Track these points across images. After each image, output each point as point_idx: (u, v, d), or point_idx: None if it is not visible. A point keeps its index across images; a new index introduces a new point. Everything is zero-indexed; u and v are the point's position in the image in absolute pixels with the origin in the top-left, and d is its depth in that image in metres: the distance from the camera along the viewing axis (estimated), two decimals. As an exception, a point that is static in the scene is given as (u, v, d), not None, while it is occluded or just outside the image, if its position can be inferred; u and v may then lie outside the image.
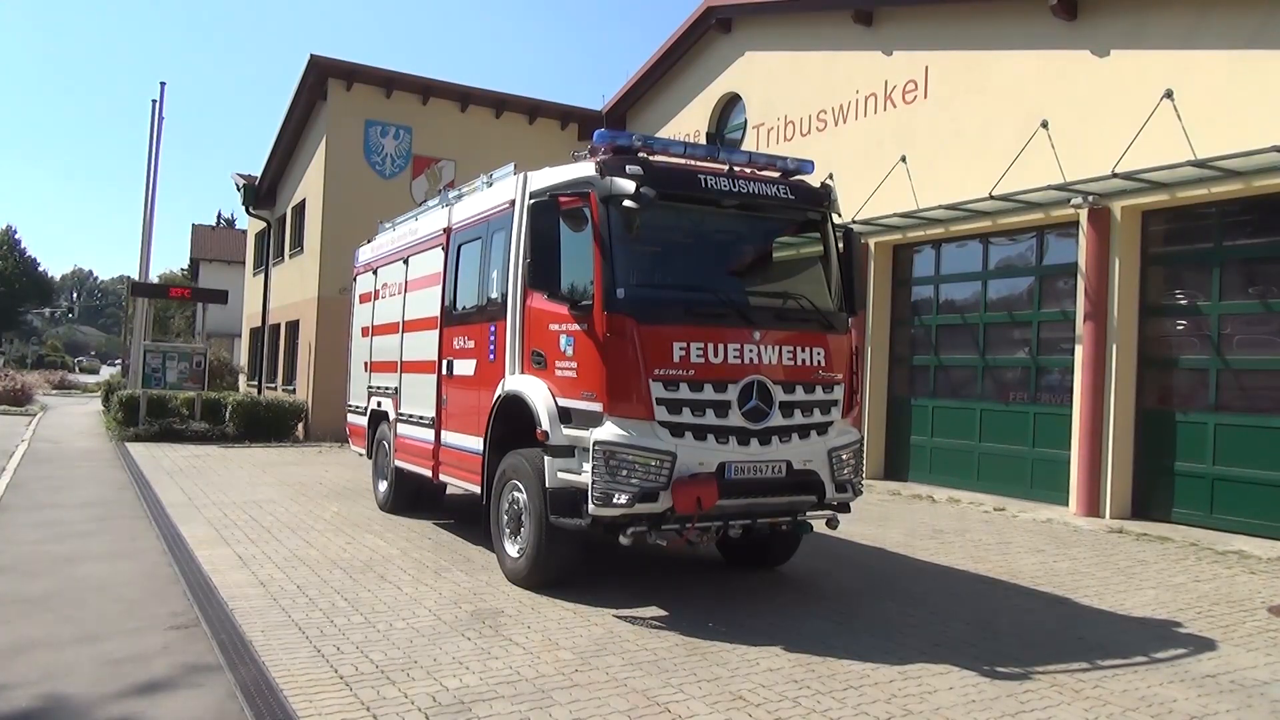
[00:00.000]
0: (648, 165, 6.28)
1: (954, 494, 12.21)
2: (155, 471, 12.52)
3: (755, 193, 6.58)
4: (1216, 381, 10.00)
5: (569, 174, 6.50)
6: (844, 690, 4.64)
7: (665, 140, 6.83)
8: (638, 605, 6.13)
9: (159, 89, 23.08)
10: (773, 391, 6.20)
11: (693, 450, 5.91)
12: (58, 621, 5.50)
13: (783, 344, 6.31)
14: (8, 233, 77.89)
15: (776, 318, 6.49)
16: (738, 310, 6.31)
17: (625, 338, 5.92)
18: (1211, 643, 5.72)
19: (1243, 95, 9.49)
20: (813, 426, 6.39)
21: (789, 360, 6.32)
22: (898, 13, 13.89)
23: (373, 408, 10.35)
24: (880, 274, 14.10)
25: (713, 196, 6.44)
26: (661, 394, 5.91)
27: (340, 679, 4.55)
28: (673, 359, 5.94)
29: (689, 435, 5.95)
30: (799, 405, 6.34)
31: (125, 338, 35.30)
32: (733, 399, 6.06)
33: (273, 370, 23.97)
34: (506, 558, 6.79)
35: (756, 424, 6.13)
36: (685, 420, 5.95)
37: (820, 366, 6.47)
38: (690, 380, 5.97)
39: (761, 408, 6.15)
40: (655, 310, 6.06)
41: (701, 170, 6.55)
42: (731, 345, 6.11)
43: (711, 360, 6.04)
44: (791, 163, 7.07)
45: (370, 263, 10.88)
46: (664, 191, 6.11)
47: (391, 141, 19.32)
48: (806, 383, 6.39)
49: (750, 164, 6.91)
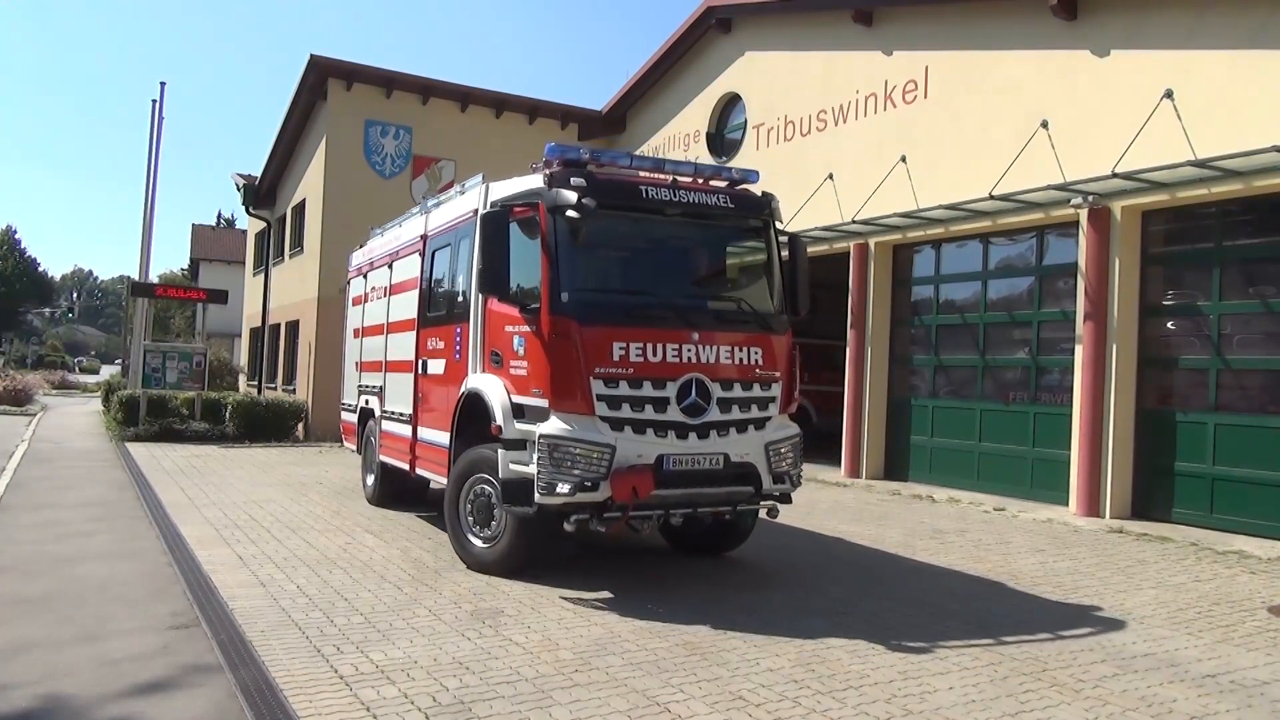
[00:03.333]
0: (591, 178, 6.66)
1: (954, 494, 12.21)
2: (155, 471, 12.52)
3: (696, 202, 6.97)
4: (1216, 381, 10.00)
5: (521, 186, 6.95)
6: (844, 690, 4.64)
7: (614, 153, 7.26)
8: (633, 607, 6.13)
9: (159, 89, 23.14)
10: (711, 389, 6.59)
11: (632, 443, 6.30)
12: (58, 621, 5.49)
13: (721, 344, 6.69)
14: (8, 233, 77.89)
15: (715, 319, 6.89)
16: (676, 312, 6.72)
17: (568, 338, 6.34)
18: (1211, 643, 5.72)
19: (1243, 95, 9.49)
20: (750, 422, 6.76)
21: (727, 359, 6.70)
22: (898, 13, 13.89)
23: (361, 405, 10.93)
24: (880, 274, 14.10)
25: (654, 206, 6.84)
26: (602, 391, 6.30)
27: (340, 679, 4.55)
28: (612, 358, 6.34)
29: (628, 429, 6.33)
30: (737, 402, 6.71)
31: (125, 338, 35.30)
32: (671, 395, 6.45)
33: (273, 370, 23.97)
34: (471, 547, 7.15)
35: (695, 419, 6.51)
36: (624, 415, 6.33)
37: (758, 365, 6.84)
38: (629, 378, 6.37)
39: (700, 404, 6.54)
40: (597, 313, 6.46)
41: (644, 181, 6.94)
42: (670, 345, 6.50)
43: (650, 359, 6.43)
44: (737, 173, 7.47)
45: (361, 267, 11.48)
46: (605, 202, 6.54)
47: (391, 141, 19.32)
48: (744, 380, 6.77)
49: (696, 175, 7.25)
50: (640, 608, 6.07)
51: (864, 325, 14.15)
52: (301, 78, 19.13)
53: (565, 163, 6.78)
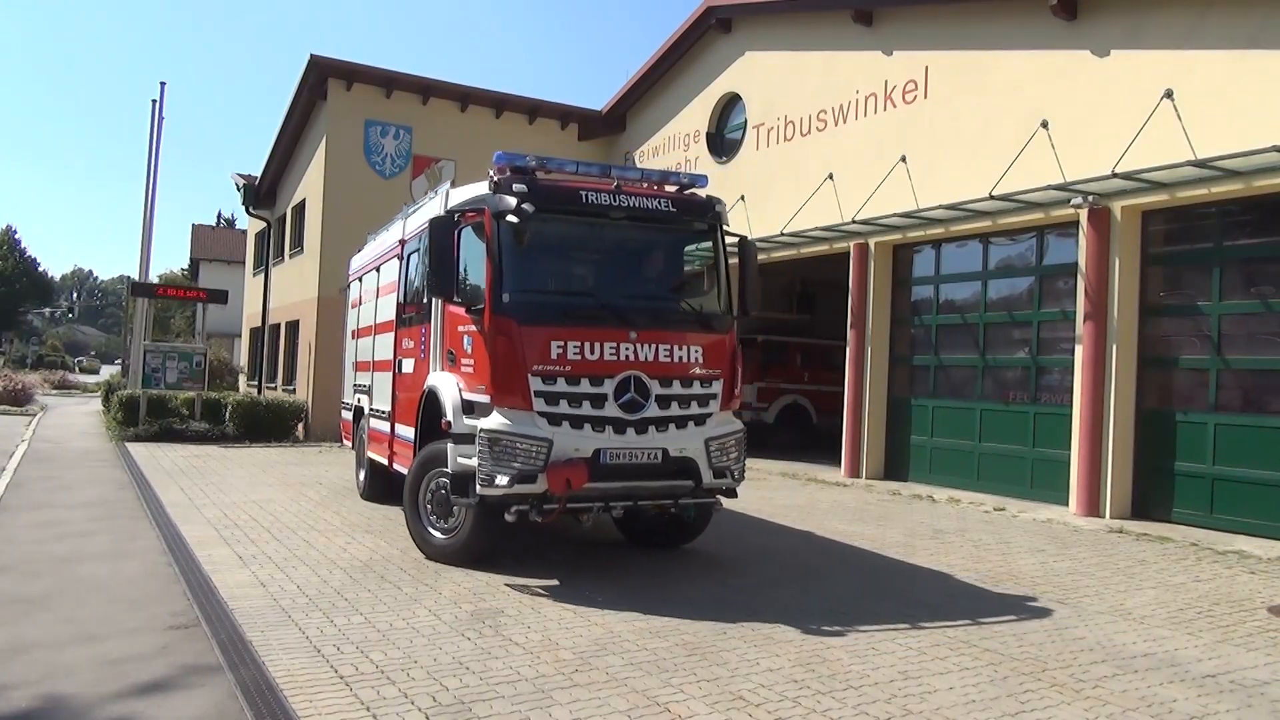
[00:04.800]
0: (533, 184, 6.94)
1: (954, 494, 12.21)
2: (155, 471, 12.52)
3: (637, 206, 7.20)
4: (1216, 381, 10.00)
5: (472, 192, 7.31)
6: (844, 690, 4.64)
7: (561, 160, 7.48)
8: (633, 607, 6.13)
9: (159, 89, 23.11)
10: (649, 385, 6.84)
11: (569, 437, 6.58)
12: (58, 621, 5.49)
13: (660, 343, 6.93)
14: (8, 233, 77.86)
15: (654, 319, 7.12)
16: (614, 312, 6.96)
17: (508, 337, 6.65)
18: (1211, 643, 5.72)
19: (1243, 95, 9.49)
20: (690, 418, 6.99)
21: (666, 357, 6.93)
22: (898, 13, 13.89)
23: (355, 404, 11.39)
24: (880, 274, 14.10)
25: (595, 210, 7.08)
26: (540, 387, 6.59)
27: (340, 679, 4.55)
28: (550, 356, 6.63)
29: (566, 424, 6.61)
30: (676, 398, 6.95)
31: (125, 338, 35.28)
32: (609, 392, 6.71)
33: (273, 370, 23.97)
34: (431, 538, 7.38)
35: (632, 415, 6.76)
36: (562, 411, 6.62)
37: (698, 363, 7.07)
38: (567, 375, 6.65)
39: (637, 400, 6.79)
40: (536, 313, 6.77)
41: (585, 186, 7.18)
42: (608, 344, 6.76)
43: (588, 357, 6.70)
44: (686, 177, 7.73)
45: (357, 271, 11.99)
46: (545, 206, 6.85)
47: (391, 141, 19.31)
48: (684, 378, 7.00)
49: (643, 180, 7.56)
50: (641, 608, 6.07)
51: (864, 325, 14.14)
52: (301, 78, 19.12)
53: (514, 170, 7.05)
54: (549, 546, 8.13)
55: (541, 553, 7.84)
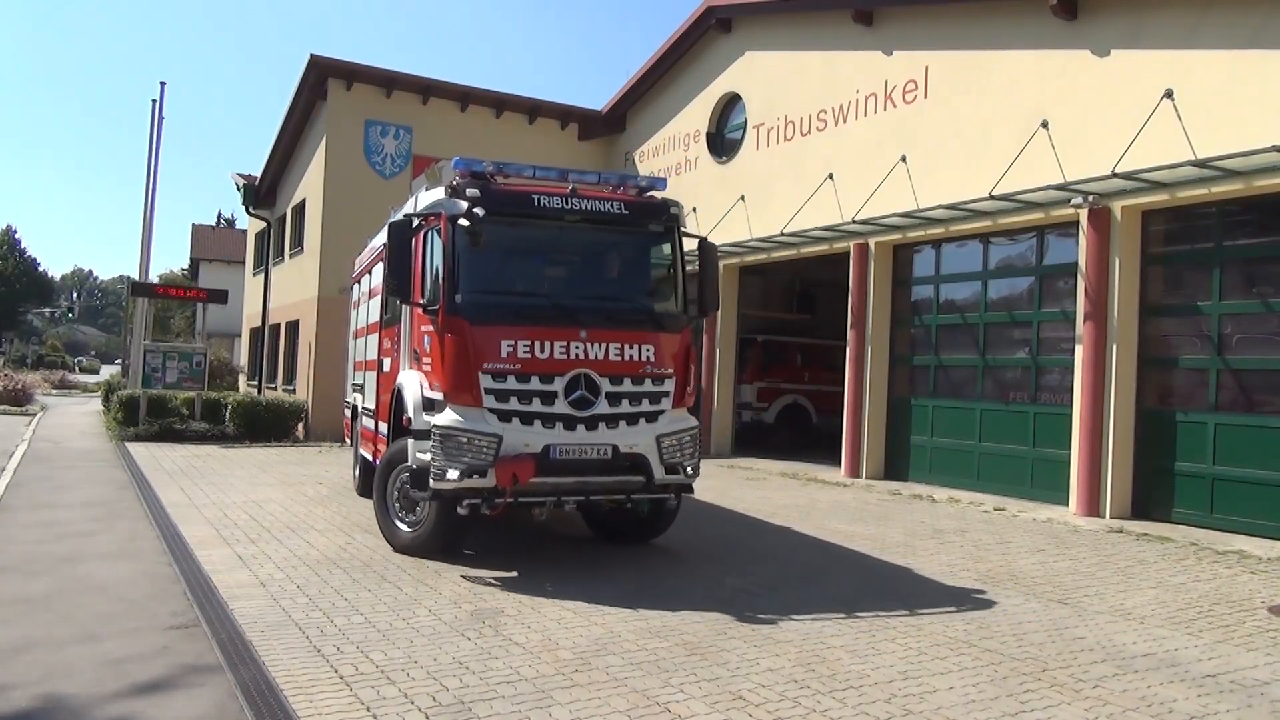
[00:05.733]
0: (486, 189, 7.14)
1: (954, 494, 12.21)
2: (155, 471, 12.52)
3: (589, 209, 7.38)
4: (1216, 381, 10.00)
5: (432, 197, 7.49)
6: (844, 690, 4.64)
7: (519, 165, 7.63)
8: (634, 607, 6.13)
9: (159, 89, 23.17)
10: (599, 383, 7.01)
11: (519, 433, 6.78)
12: (58, 621, 5.49)
13: (611, 341, 7.09)
14: (8, 233, 77.87)
15: (606, 319, 7.27)
16: (565, 312, 7.15)
17: (460, 336, 6.87)
18: (1211, 643, 5.72)
19: (1243, 95, 9.49)
20: (641, 415, 7.16)
21: (617, 356, 7.09)
22: (898, 13, 13.89)
23: (352, 402, 11.76)
24: (880, 274, 14.09)
25: (547, 213, 7.27)
26: (490, 385, 6.80)
27: (340, 679, 4.55)
28: (500, 355, 6.83)
29: (516, 420, 6.82)
30: (626, 396, 7.11)
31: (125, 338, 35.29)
32: (560, 389, 6.91)
33: (273, 370, 23.97)
34: (398, 531, 7.60)
35: (582, 412, 6.94)
36: (512, 407, 6.83)
37: (649, 362, 7.22)
38: (517, 373, 6.85)
39: (587, 397, 6.96)
40: (486, 313, 6.96)
41: (537, 191, 7.35)
42: (558, 343, 6.94)
43: (538, 356, 6.90)
44: (644, 181, 7.93)
45: (356, 273, 12.37)
46: (498, 210, 7.05)
47: (391, 141, 19.31)
48: (635, 376, 7.16)
49: (600, 184, 7.73)
50: (641, 608, 6.07)
51: (864, 325, 14.14)
52: (301, 78, 19.12)
53: (472, 175, 7.29)
54: (544, 543, 8.14)
55: (540, 550, 7.85)
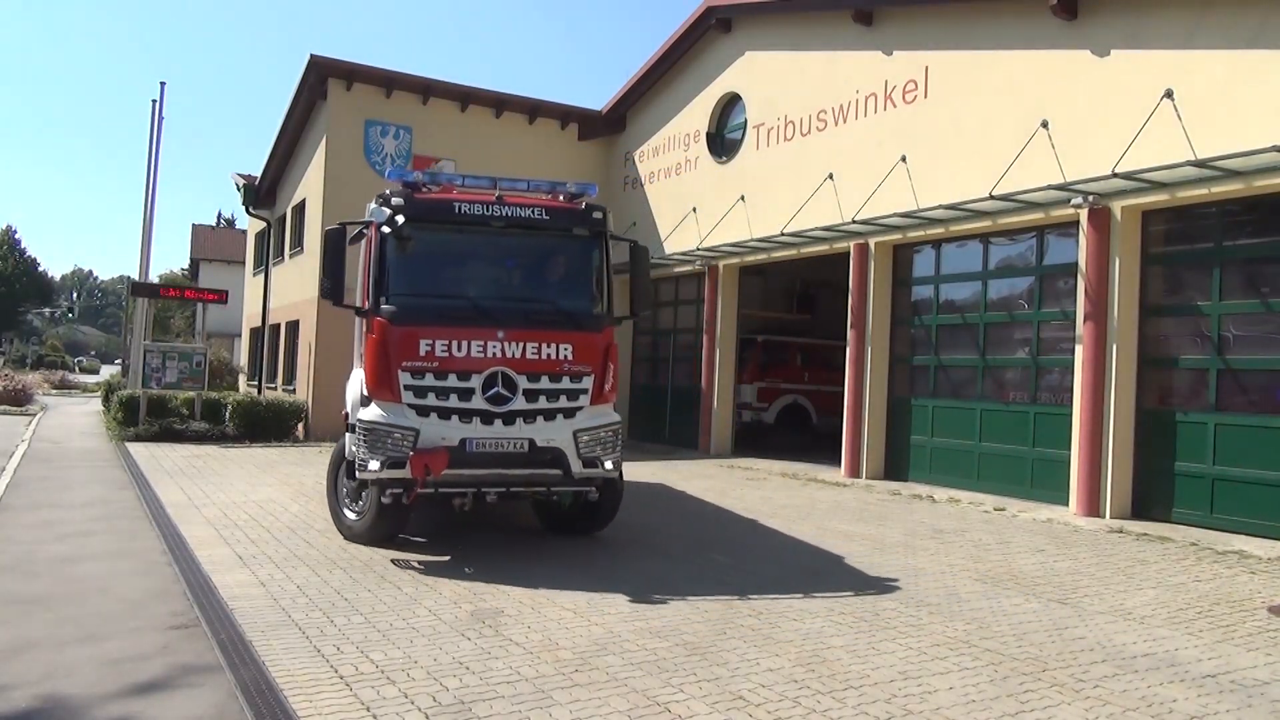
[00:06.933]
0: (409, 198, 7.58)
1: (954, 494, 12.21)
2: (155, 471, 12.52)
3: (514, 216, 7.74)
4: (1216, 381, 10.00)
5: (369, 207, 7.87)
6: (844, 690, 4.64)
7: (450, 175, 8.15)
8: (634, 607, 6.13)
9: (159, 89, 23.16)
10: (516, 380, 7.35)
11: (437, 427, 7.16)
12: (58, 621, 5.49)
13: (528, 341, 7.42)
14: (8, 233, 77.87)
15: (524, 319, 7.61)
16: (483, 313, 7.53)
17: (382, 336, 7.31)
18: (1211, 643, 5.72)
19: (1243, 95, 9.49)
20: (559, 411, 7.48)
21: (534, 355, 7.43)
22: (898, 13, 13.89)
23: None
24: (880, 274, 14.09)
25: (471, 220, 7.65)
26: (409, 381, 7.20)
27: (340, 679, 4.55)
28: (419, 353, 7.22)
29: (434, 415, 7.19)
30: (544, 393, 7.43)
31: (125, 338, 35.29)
32: (477, 386, 7.26)
33: (273, 370, 23.96)
34: (346, 520, 8.06)
35: (499, 407, 7.30)
36: (430, 403, 7.21)
37: (567, 360, 7.53)
38: (435, 370, 7.22)
39: (503, 394, 7.32)
40: (407, 315, 7.36)
41: (460, 199, 7.74)
42: (475, 342, 7.29)
43: (455, 354, 7.26)
44: (575, 186, 8.22)
45: None
46: (421, 218, 7.52)
47: (391, 141, 19.30)
48: (552, 374, 7.47)
49: (530, 191, 8.05)
50: (641, 608, 6.07)
51: (864, 325, 14.14)
52: (301, 78, 19.12)
53: (405, 184, 7.73)
54: (544, 543, 8.14)
55: (533, 545, 7.85)
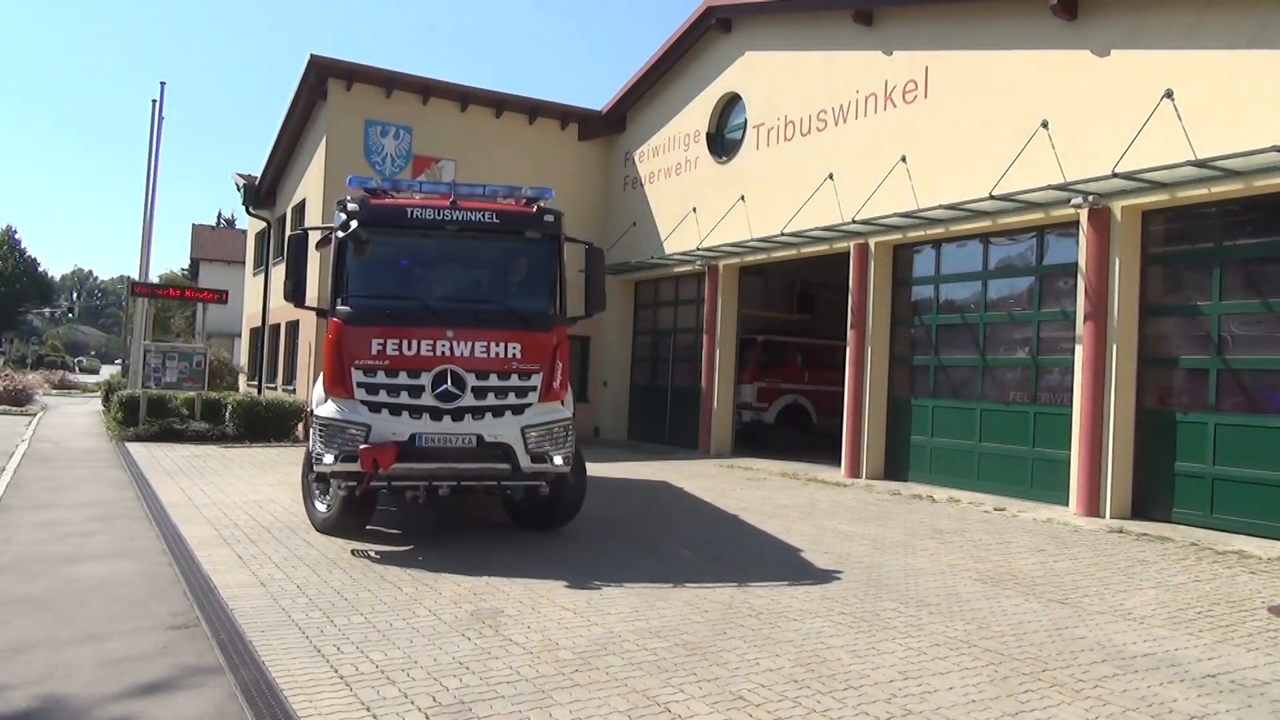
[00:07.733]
0: (364, 204, 7.92)
1: (954, 494, 12.21)
2: (155, 471, 12.51)
3: (465, 220, 8.03)
4: (1216, 381, 10.00)
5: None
6: (844, 690, 4.64)
7: (409, 182, 8.52)
8: (635, 607, 6.13)
9: (159, 89, 23.18)
10: (465, 378, 7.63)
11: (388, 423, 7.48)
12: (58, 621, 5.49)
13: (477, 340, 7.71)
14: (8, 233, 77.88)
15: (474, 319, 7.87)
16: (433, 313, 7.81)
17: (336, 336, 7.68)
18: (1211, 643, 5.72)
19: (1243, 95, 9.49)
20: (507, 407, 7.74)
21: (482, 353, 7.70)
22: (898, 13, 13.89)
23: None
24: (880, 274, 14.09)
25: (424, 224, 7.99)
26: (361, 379, 7.54)
27: (340, 679, 4.55)
28: (370, 352, 7.56)
29: (385, 411, 7.52)
30: (492, 390, 7.71)
31: (125, 338, 35.29)
32: (426, 384, 7.56)
33: (273, 370, 23.95)
34: (316, 512, 8.35)
35: (448, 404, 7.59)
36: (381, 400, 7.54)
37: (515, 358, 7.80)
38: (386, 369, 7.55)
39: (452, 391, 7.59)
40: (360, 315, 7.70)
41: (413, 205, 8.07)
42: (424, 341, 7.60)
43: (405, 353, 7.57)
44: (532, 191, 8.53)
45: None
46: (375, 223, 7.82)
47: (391, 141, 19.30)
48: (501, 371, 7.75)
49: (485, 196, 8.37)
50: (641, 608, 6.07)
51: (864, 325, 14.14)
52: (301, 78, 19.11)
53: (364, 191, 8.11)
54: (544, 543, 8.14)
55: (534, 545, 7.85)
